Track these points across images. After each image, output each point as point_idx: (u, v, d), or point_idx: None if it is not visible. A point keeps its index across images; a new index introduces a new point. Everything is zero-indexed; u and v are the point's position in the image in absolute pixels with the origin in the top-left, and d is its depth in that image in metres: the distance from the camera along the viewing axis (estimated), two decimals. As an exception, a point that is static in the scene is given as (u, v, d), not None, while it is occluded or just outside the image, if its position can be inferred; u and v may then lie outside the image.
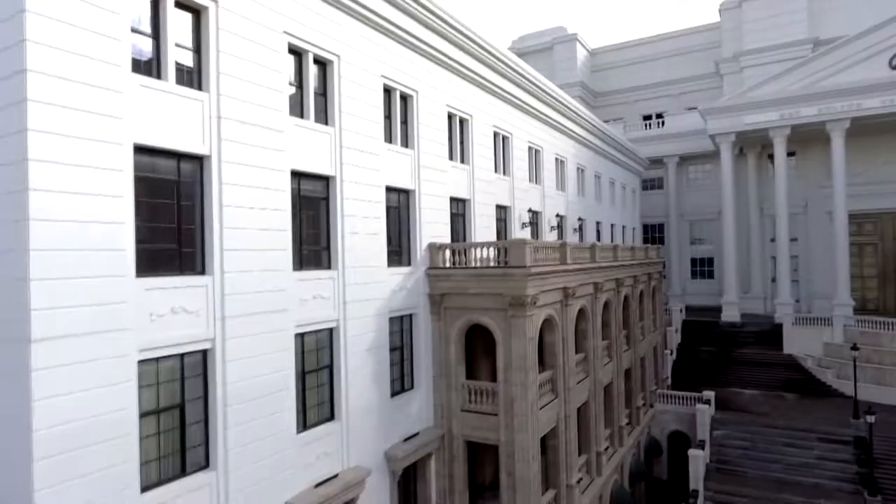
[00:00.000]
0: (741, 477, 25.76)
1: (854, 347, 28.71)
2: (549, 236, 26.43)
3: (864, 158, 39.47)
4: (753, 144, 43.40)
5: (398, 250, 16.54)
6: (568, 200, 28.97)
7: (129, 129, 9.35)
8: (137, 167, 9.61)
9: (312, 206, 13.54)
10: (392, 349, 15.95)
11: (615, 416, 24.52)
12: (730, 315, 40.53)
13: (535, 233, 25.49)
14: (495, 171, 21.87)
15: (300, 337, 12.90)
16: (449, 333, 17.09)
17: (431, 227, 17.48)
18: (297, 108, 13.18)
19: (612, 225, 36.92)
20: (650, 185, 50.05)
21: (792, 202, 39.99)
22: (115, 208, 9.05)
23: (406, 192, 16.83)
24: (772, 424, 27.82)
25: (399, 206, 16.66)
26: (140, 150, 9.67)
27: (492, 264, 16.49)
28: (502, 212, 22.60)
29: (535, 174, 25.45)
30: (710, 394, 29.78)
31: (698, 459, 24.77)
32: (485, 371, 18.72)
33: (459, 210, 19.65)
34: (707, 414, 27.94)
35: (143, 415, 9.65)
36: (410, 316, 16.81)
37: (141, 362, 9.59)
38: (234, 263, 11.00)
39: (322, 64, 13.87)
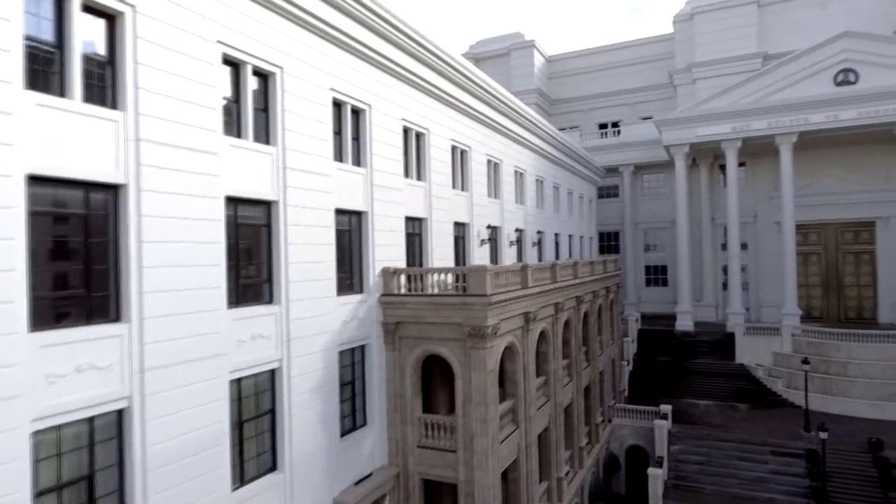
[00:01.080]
0: (699, 493, 25.71)
1: (805, 361, 29.23)
2: (509, 252, 25.69)
3: (809, 171, 40.64)
4: (706, 155, 44.11)
5: (349, 277, 15.32)
6: (527, 213, 28.32)
7: (21, 156, 7.85)
8: (33, 200, 8.10)
9: (252, 235, 12.18)
10: (342, 384, 14.74)
11: (575, 438, 23.98)
12: (684, 324, 40.98)
13: (495, 249, 24.69)
14: (453, 186, 20.90)
15: (236, 383, 11.54)
16: (404, 364, 15.98)
17: (385, 249, 16.33)
18: (234, 126, 11.80)
19: (569, 236, 36.62)
20: (606, 193, 50.29)
21: (742, 212, 40.74)
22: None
23: (358, 214, 15.62)
24: (727, 438, 27.96)
25: (350, 228, 15.44)
26: (36, 180, 8.17)
27: (450, 291, 15.49)
28: (461, 229, 21.65)
29: (494, 188, 24.63)
30: (667, 408, 29.73)
31: (657, 479, 24.54)
32: (443, 401, 17.69)
33: (416, 229, 18.56)
34: (665, 430, 27.83)
35: (39, 494, 8.15)
36: (363, 347, 15.61)
37: (36, 433, 8.09)
38: (156, 307, 9.58)
39: (263, 77, 12.52)
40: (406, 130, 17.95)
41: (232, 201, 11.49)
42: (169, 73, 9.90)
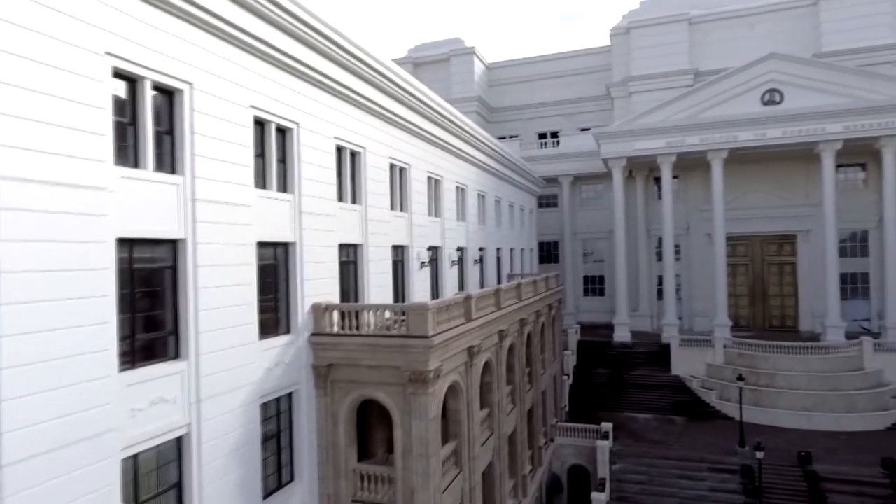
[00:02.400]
0: (641, 514, 25.56)
1: (739, 378, 29.82)
2: (450, 273, 24.54)
3: (737, 185, 42.04)
4: (642, 168, 44.85)
5: (274, 317, 13.62)
6: (468, 230, 27.30)
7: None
8: None
9: (151, 281, 10.32)
10: (266, 440, 13.03)
11: (519, 466, 23.14)
12: (621, 336, 41.37)
13: (436, 271, 23.46)
14: (392, 208, 19.48)
15: (132, 459, 9.68)
16: (337, 411, 14.44)
17: (316, 283, 14.72)
18: (129, 153, 9.92)
19: (511, 249, 35.99)
20: (545, 202, 50.28)
21: (675, 224, 41.52)
22: None
23: (285, 246, 13.93)
24: (666, 455, 28.06)
25: (276, 262, 13.74)
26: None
27: (389, 331, 14.09)
28: (399, 252, 20.27)
29: (434, 207, 23.39)
30: (608, 426, 29.55)
31: (600, 503, 24.10)
32: (381, 440, 16.27)
33: (350, 257, 17.02)
34: (606, 450, 27.58)
35: None
36: (290, 395, 13.94)
37: None
38: (15, 387, 7.64)
39: (167, 94, 10.67)
40: (340, 149, 16.38)
41: (125, 243, 9.61)
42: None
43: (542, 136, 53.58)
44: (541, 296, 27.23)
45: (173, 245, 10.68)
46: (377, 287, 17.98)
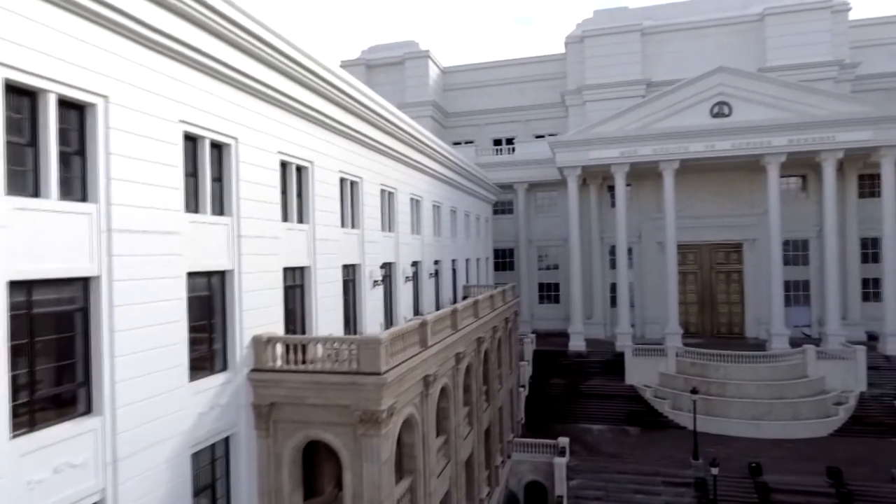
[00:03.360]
0: (598, 532, 25.26)
1: (693, 391, 30.04)
2: (404, 289, 23.50)
3: (687, 194, 42.75)
4: (596, 176, 45.06)
5: (209, 354, 12.26)
6: (423, 244, 26.33)
7: None
8: None
9: (55, 327, 8.87)
10: (199, 492, 11.68)
11: (476, 491, 22.38)
12: (576, 344, 41.37)
13: (389, 288, 22.38)
14: (342, 225, 18.29)
15: (29, 540, 8.22)
16: (280, 453, 13.19)
17: (258, 313, 13.42)
18: (28, 182, 8.45)
19: (466, 260, 35.23)
20: (501, 209, 49.87)
21: (627, 232, 41.78)
22: None
23: (221, 275, 12.59)
24: (622, 470, 27.93)
25: (211, 293, 12.38)
26: None
27: (337, 366, 12.94)
28: (351, 271, 19.09)
29: (388, 221, 22.31)
30: (564, 440, 29.22)
31: (559, 523, 23.63)
32: (330, 476, 15.05)
33: (297, 280, 15.76)
34: (563, 467, 27.21)
35: None
36: (227, 439, 12.60)
37: None
38: None
39: (77, 108, 9.23)
40: (284, 165, 15.09)
41: (21, 286, 8.16)
42: None
43: (497, 142, 53.21)
44: (498, 311, 26.59)
45: (84, 284, 9.25)
46: (327, 311, 16.78)
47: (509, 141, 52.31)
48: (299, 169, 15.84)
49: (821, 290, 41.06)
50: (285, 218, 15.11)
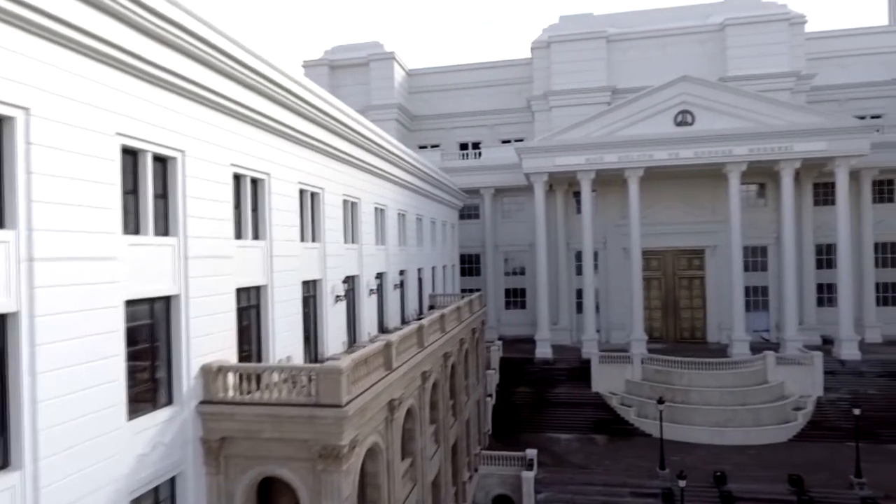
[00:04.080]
0: (566, 547, 24.94)
1: (660, 401, 30.04)
2: (368, 302, 22.62)
3: (650, 201, 43.11)
4: (562, 182, 45.02)
5: (151, 388, 11.20)
6: (388, 254, 25.50)
7: None
8: None
9: (-36, 373, 7.76)
10: (139, 540, 10.61)
11: (443, 510, 21.67)
12: (543, 352, 41.15)
13: (352, 302, 21.47)
14: (302, 239, 17.34)
15: None
16: (232, 492, 12.21)
17: (207, 340, 12.39)
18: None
19: (433, 268, 34.54)
20: (467, 214, 49.32)
21: (593, 238, 41.76)
22: None
23: (165, 300, 11.53)
24: (590, 481, 27.74)
25: (154, 320, 11.31)
26: None
27: (294, 397, 12.03)
28: (311, 287, 18.14)
29: (351, 233, 21.40)
30: (532, 452, 28.88)
31: (527, 541, 23.18)
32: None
33: (252, 301, 14.74)
34: (531, 481, 26.83)
35: None
36: (173, 479, 11.55)
37: None
38: None
39: (-10, 120, 8.13)
40: (238, 178, 14.07)
41: (-82, 330, 7.04)
42: None
43: (463, 146, 52.69)
44: (465, 322, 25.99)
45: (0, 321, 8.14)
46: (285, 331, 15.80)
47: (476, 145, 51.87)
48: (254, 181, 14.83)
49: (779, 296, 42.06)
50: (239, 235, 14.10)
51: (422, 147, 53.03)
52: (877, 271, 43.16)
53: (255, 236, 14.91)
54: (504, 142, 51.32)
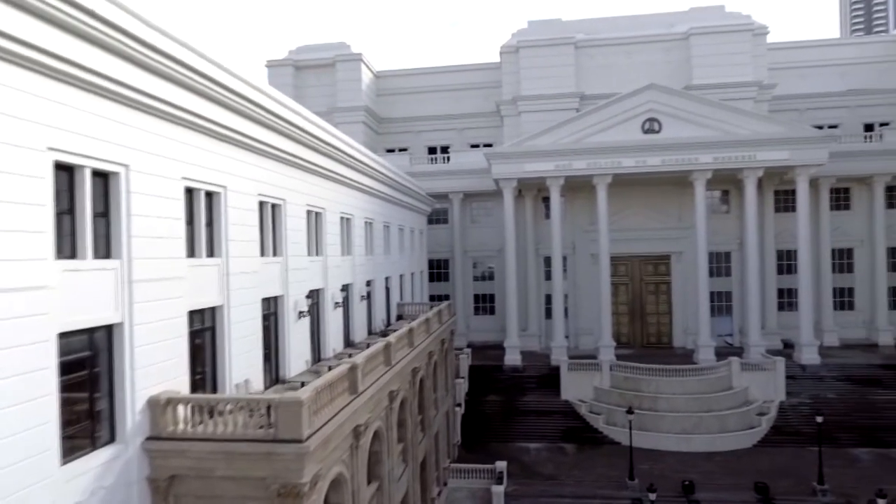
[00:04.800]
0: (537, 562, 24.54)
1: (629, 411, 29.93)
2: (333, 316, 21.74)
3: (618, 208, 43.27)
4: (531, 187, 44.82)
5: (90, 427, 10.19)
6: (355, 264, 24.65)
7: None
8: None
9: None
10: None
11: (412, 532, 20.97)
12: (512, 359, 40.84)
13: (316, 317, 20.57)
14: (262, 253, 16.40)
15: None
16: (183, 534, 11.25)
17: (155, 369, 11.41)
18: None
19: (400, 276, 33.78)
20: (435, 218, 48.67)
21: (562, 243, 41.65)
22: None
23: (107, 329, 10.52)
24: (560, 493, 27.46)
25: (94, 352, 10.31)
26: None
27: (251, 431, 11.17)
28: (272, 304, 17.21)
29: (315, 244, 20.50)
30: (502, 465, 28.45)
31: (498, 559, 22.68)
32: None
33: (206, 323, 13.78)
34: (501, 496, 26.34)
35: None
36: (114, 526, 10.54)
37: None
38: None
39: None
40: (190, 192, 13.10)
41: None
42: None
43: (432, 150, 52.03)
44: (434, 334, 25.35)
45: None
46: (243, 354, 14.87)
47: (444, 149, 51.27)
48: (209, 195, 13.86)
49: (742, 301, 42.79)
50: (192, 253, 13.13)
51: (389, 150, 52.15)
52: (834, 276, 44.35)
53: (210, 253, 13.94)
54: (473, 146, 50.89)
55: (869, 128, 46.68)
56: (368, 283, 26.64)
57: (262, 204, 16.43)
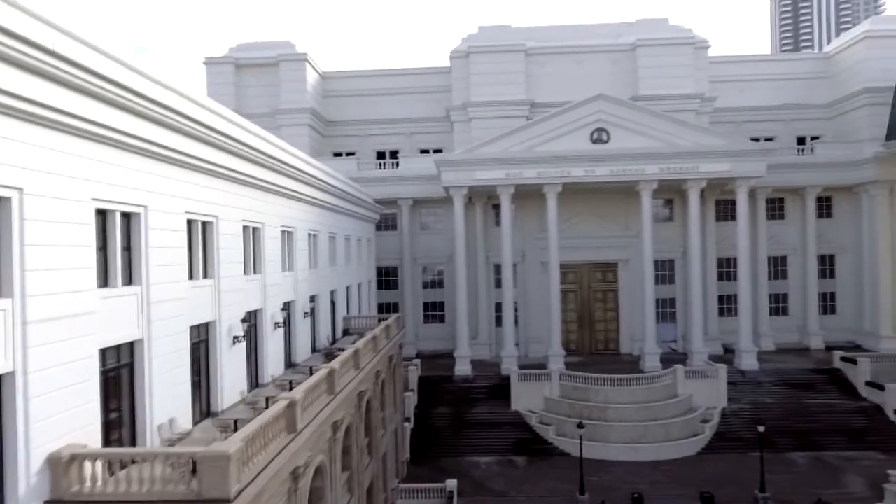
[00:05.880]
0: (488, 585, 23.92)
1: (580, 426, 29.74)
2: (274, 336, 20.37)
3: (567, 216, 43.47)
4: (481, 195, 44.43)
5: (-31, 498, 8.66)
6: (297, 280, 23.29)
7: None
8: None
9: None
10: None
11: (358, 565, 19.87)
12: (462, 369, 40.30)
13: (254, 340, 19.15)
14: (191, 277, 14.95)
15: None
16: None
17: (57, 421, 9.92)
18: None
19: (347, 288, 32.50)
20: (384, 225, 47.49)
21: (512, 251, 41.41)
22: None
23: (-8, 381, 9.01)
24: (511, 510, 26.96)
25: (-26, 408, 8.77)
26: None
27: (173, 486, 9.86)
28: (202, 331, 15.77)
29: (253, 262, 19.10)
30: (452, 483, 27.58)
31: (448, 586, 21.88)
32: None
33: (122, 360, 12.29)
34: (453, 517, 25.55)
35: None
36: None
37: None
38: None
39: None
40: (103, 214, 11.60)
41: None
42: None
43: (380, 155, 50.83)
44: (382, 352, 24.31)
45: None
46: (168, 390, 13.42)
47: (393, 154, 50.20)
48: (126, 217, 12.37)
49: (685, 307, 43.84)
50: (105, 282, 11.64)
51: (337, 154, 50.63)
52: (770, 283, 46.12)
53: (128, 281, 12.45)
54: (423, 151, 50.05)
55: (801, 141, 48.92)
56: (312, 299, 25.31)
57: (190, 223, 14.96)
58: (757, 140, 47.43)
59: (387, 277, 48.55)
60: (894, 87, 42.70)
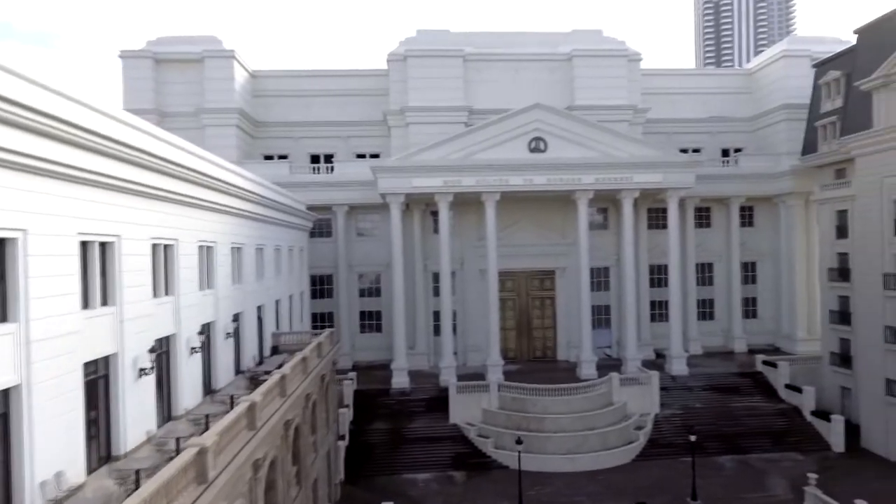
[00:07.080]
0: None
1: (518, 441, 29.26)
2: (189, 365, 18.56)
3: (505, 223, 43.35)
4: (419, 202, 43.48)
5: None
6: (218, 299, 21.48)
7: None
8: None
9: None
10: None
11: None
12: (400, 381, 39.23)
13: (165, 369, 17.33)
14: (85, 306, 13.12)
15: None
16: None
17: None
18: None
19: (276, 302, 30.66)
20: (318, 231, 45.63)
21: (450, 259, 40.72)
22: None
23: None
24: (449, 532, 26.13)
25: None
26: None
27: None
28: (100, 366, 13.93)
29: (164, 284, 17.27)
30: (389, 506, 26.51)
31: None
32: None
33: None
34: (389, 543, 24.41)
35: None
36: None
37: None
38: None
39: None
40: (-36, 241, 9.79)
41: None
42: None
43: (315, 158, 48.84)
44: (312, 373, 22.86)
45: None
46: (54, 438, 11.64)
47: (328, 158, 48.37)
48: (3, 243, 10.53)
49: (619, 314, 44.65)
50: (-33, 322, 9.81)
51: (268, 157, 48.29)
52: (698, 289, 47.81)
53: (2, 318, 10.62)
54: (359, 155, 48.58)
55: (726, 153, 51.11)
56: (236, 318, 23.50)
57: (84, 245, 13.13)
58: (686, 151, 49.23)
59: (321, 286, 46.69)
60: (809, 104, 45.28)
